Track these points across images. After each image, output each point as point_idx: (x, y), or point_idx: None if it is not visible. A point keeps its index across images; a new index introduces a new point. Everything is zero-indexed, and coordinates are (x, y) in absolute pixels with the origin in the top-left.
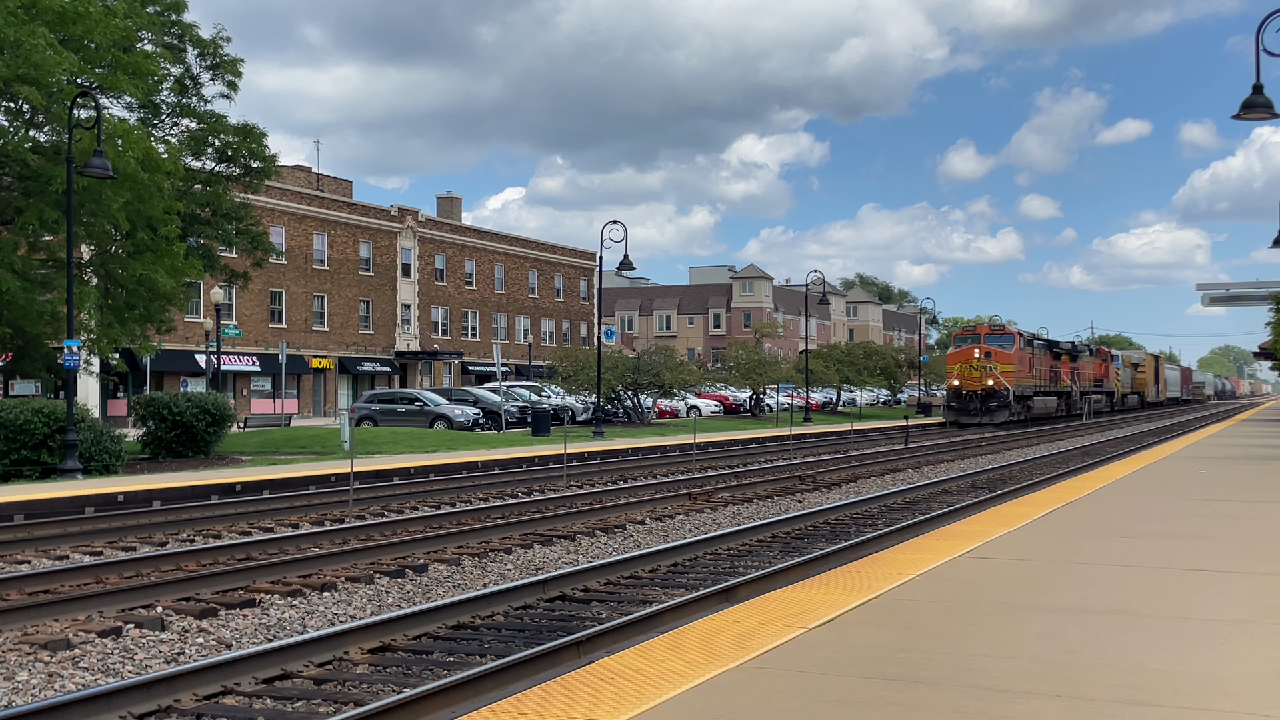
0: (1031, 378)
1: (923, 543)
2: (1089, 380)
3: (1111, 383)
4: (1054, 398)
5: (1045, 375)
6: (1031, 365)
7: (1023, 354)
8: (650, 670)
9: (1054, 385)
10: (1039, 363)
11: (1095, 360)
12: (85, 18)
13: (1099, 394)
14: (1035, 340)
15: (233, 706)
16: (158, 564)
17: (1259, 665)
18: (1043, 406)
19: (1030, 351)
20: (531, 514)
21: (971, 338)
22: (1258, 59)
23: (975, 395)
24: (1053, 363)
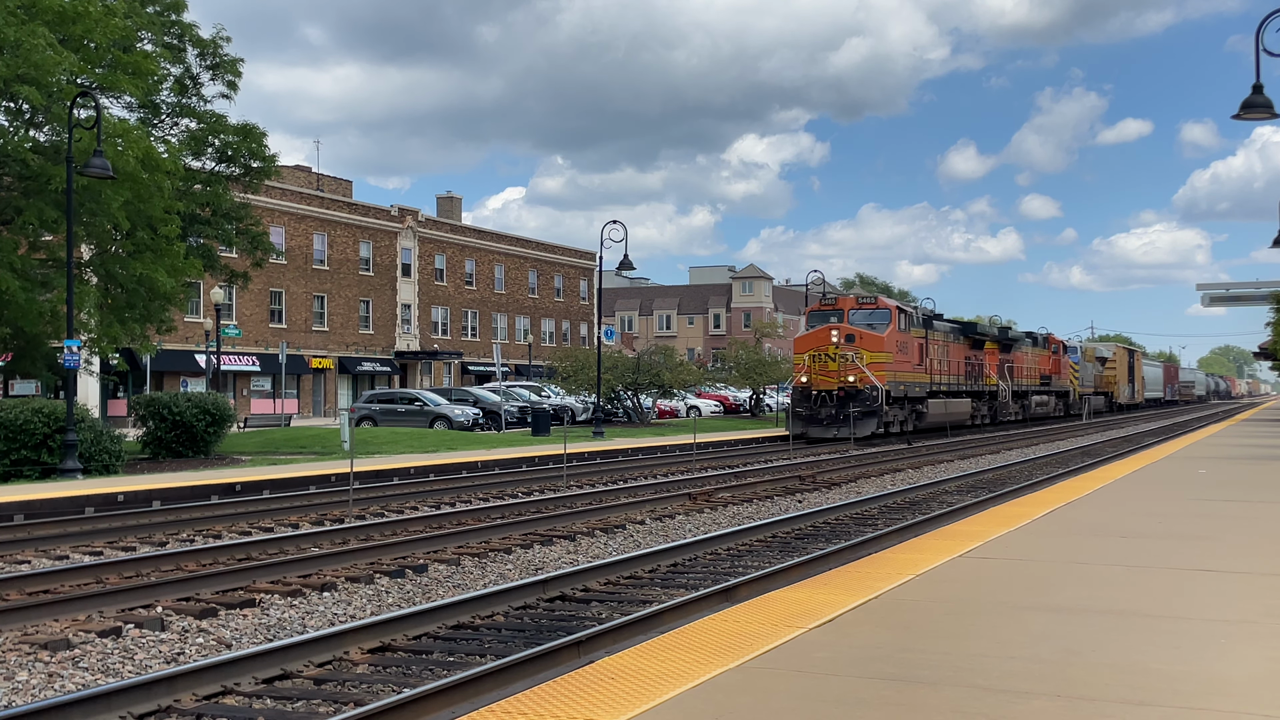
0: (922, 371)
1: (923, 543)
2: (1031, 376)
3: (1065, 380)
4: (967, 399)
5: (954, 369)
6: (924, 354)
7: (906, 339)
8: (650, 670)
9: (969, 382)
10: (940, 352)
11: (1040, 352)
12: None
13: (1044, 394)
14: (935, 320)
15: (233, 706)
16: (158, 564)
17: (1259, 665)
18: (945, 412)
19: (923, 336)
20: (531, 514)
21: (831, 314)
22: (1258, 59)
23: (828, 398)
24: (969, 353)
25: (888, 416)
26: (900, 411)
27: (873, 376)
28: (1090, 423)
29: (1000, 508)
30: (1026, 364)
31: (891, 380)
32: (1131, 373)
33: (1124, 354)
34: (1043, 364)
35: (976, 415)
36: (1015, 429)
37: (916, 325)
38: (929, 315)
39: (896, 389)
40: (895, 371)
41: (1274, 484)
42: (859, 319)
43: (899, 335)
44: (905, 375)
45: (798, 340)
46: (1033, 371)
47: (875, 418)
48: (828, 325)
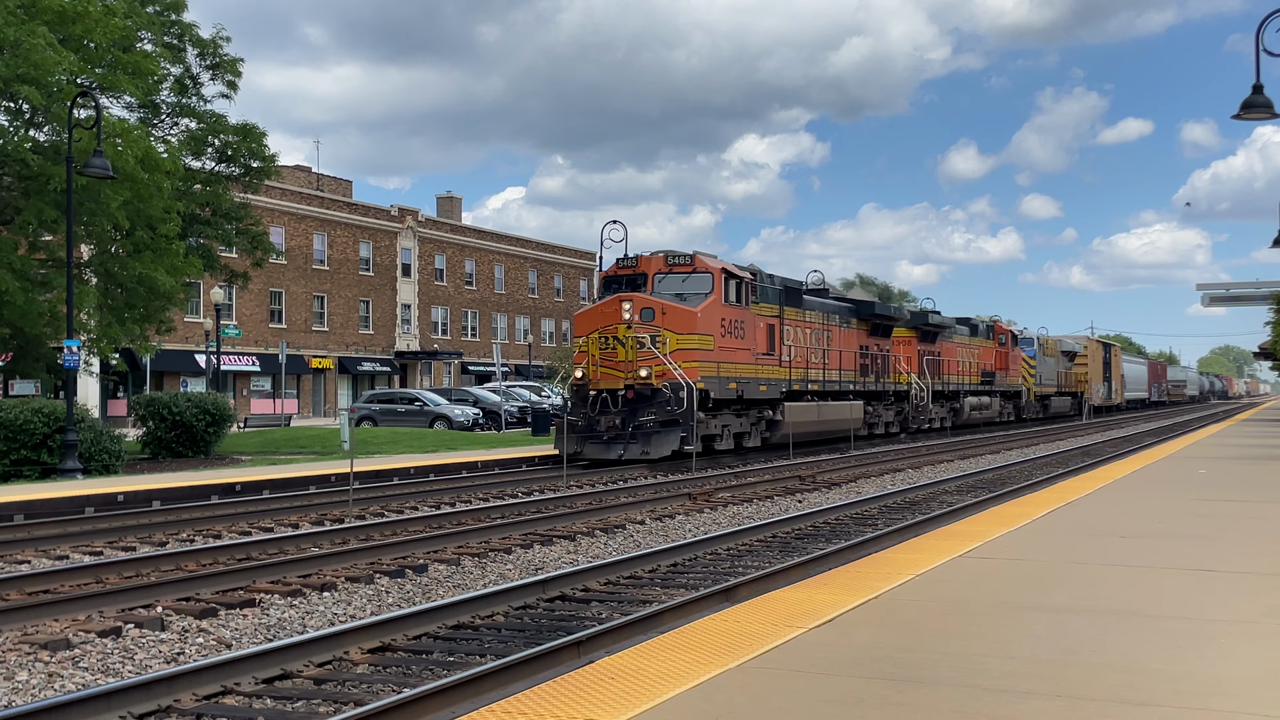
0: (773, 363)
1: (923, 543)
2: (967, 372)
3: (1015, 377)
4: (857, 401)
5: (839, 361)
6: (776, 339)
7: (742, 317)
8: (650, 670)
9: (866, 379)
10: (812, 338)
11: (981, 343)
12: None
13: (986, 394)
14: (807, 295)
15: (233, 706)
16: (158, 564)
17: (1259, 665)
18: (816, 419)
19: (775, 315)
20: (531, 514)
21: (629, 281)
22: (1257, 59)
23: (612, 400)
24: (868, 341)
25: (707, 426)
26: (733, 419)
27: (677, 369)
28: (1091, 423)
29: (1000, 508)
30: (961, 357)
31: (711, 375)
32: (1108, 370)
33: (1098, 349)
34: (984, 358)
35: (875, 421)
36: (936, 439)
37: (765, 299)
38: (794, 287)
39: (721, 387)
40: (720, 362)
41: (1274, 484)
42: (668, 288)
43: (727, 311)
44: (740, 368)
45: (579, 318)
46: (969, 367)
47: (677, 429)
48: (619, 296)
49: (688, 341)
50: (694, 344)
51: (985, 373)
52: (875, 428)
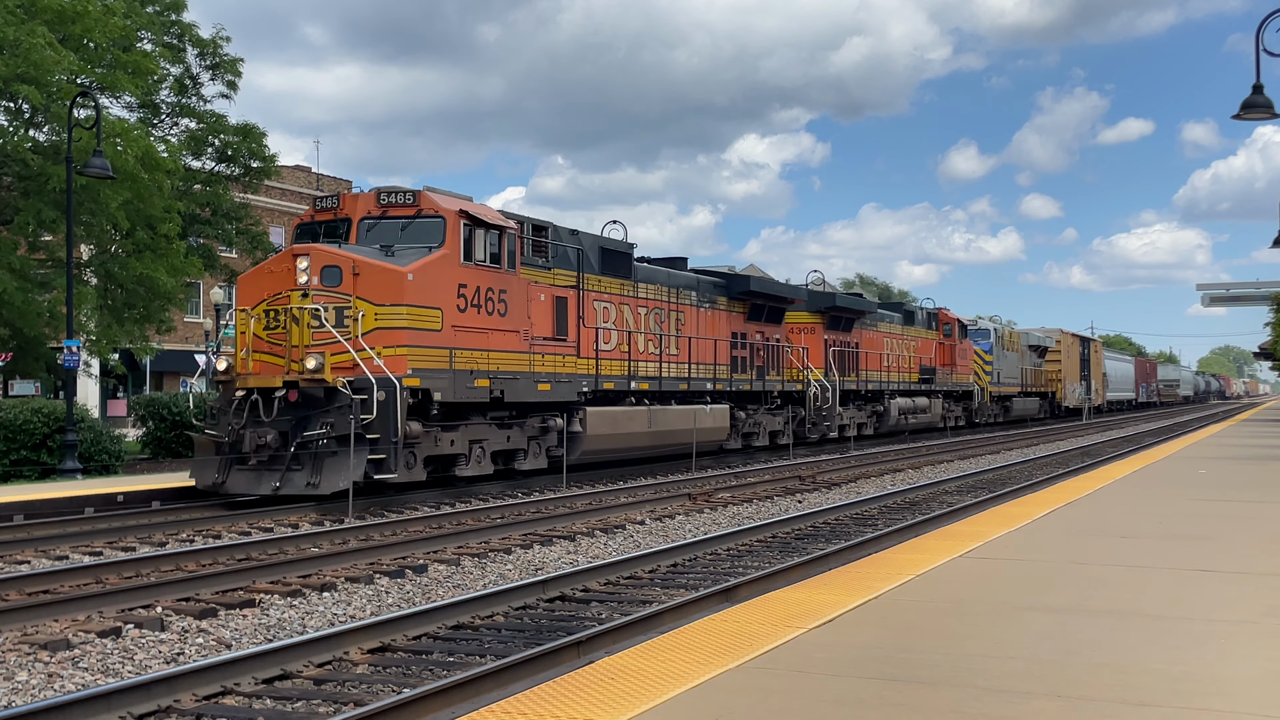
0: (571, 355)
1: (923, 543)
2: (898, 369)
3: (964, 374)
4: (722, 405)
5: (693, 351)
6: (566, 320)
7: (499, 281)
8: (650, 670)
9: (743, 375)
10: (646, 320)
11: (918, 333)
12: (85, 17)
13: (923, 395)
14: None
15: (233, 707)
16: (157, 564)
17: (1259, 665)
18: (647, 429)
19: (572, 285)
20: (531, 514)
21: (328, 229)
22: (1257, 59)
23: (268, 404)
24: (746, 327)
25: (435, 443)
26: (488, 431)
27: (374, 358)
28: (1090, 423)
29: (1000, 508)
30: (889, 350)
31: (438, 368)
32: (1086, 368)
33: (1073, 343)
34: (922, 351)
35: (754, 430)
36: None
37: (557, 262)
38: (615, 249)
39: (460, 386)
40: (458, 349)
41: (1274, 484)
42: (379, 237)
43: (472, 274)
44: (499, 358)
45: (243, 281)
46: (901, 361)
47: (366, 448)
48: (293, 249)
49: (393, 316)
50: (403, 320)
51: (924, 369)
52: (754, 437)
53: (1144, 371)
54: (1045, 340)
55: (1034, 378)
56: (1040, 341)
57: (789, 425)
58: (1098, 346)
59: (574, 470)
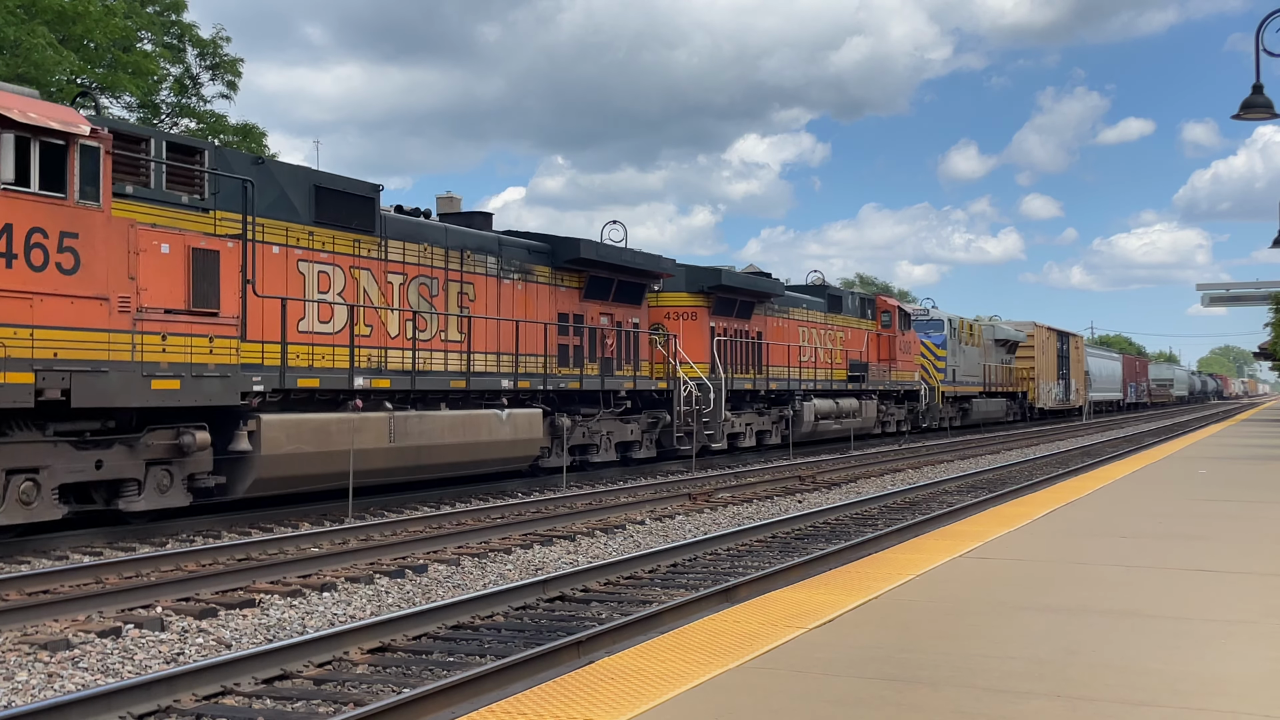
0: (225, 335)
1: (923, 543)
2: (816, 364)
3: (908, 372)
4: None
5: (487, 337)
6: (197, 275)
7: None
8: (650, 670)
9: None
10: (379, 291)
11: (849, 324)
12: (85, 17)
13: (852, 396)
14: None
15: (232, 707)
16: (157, 564)
17: (1259, 665)
18: (393, 445)
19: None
20: (531, 514)
21: None
22: (1257, 59)
23: None
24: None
25: None
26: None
27: None
28: (1091, 423)
29: (1000, 508)
30: (806, 343)
31: None
32: (1064, 365)
33: (1049, 337)
34: (852, 344)
35: (593, 443)
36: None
37: (225, 200)
38: (348, 192)
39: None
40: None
41: (1274, 484)
42: None
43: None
44: (53, 336)
45: None
46: (824, 357)
47: None
48: None
49: None
50: None
51: (855, 365)
52: (594, 450)
53: (1132, 370)
54: (1015, 334)
55: (1001, 376)
56: (1009, 335)
57: (649, 435)
58: (1079, 342)
59: (242, 508)
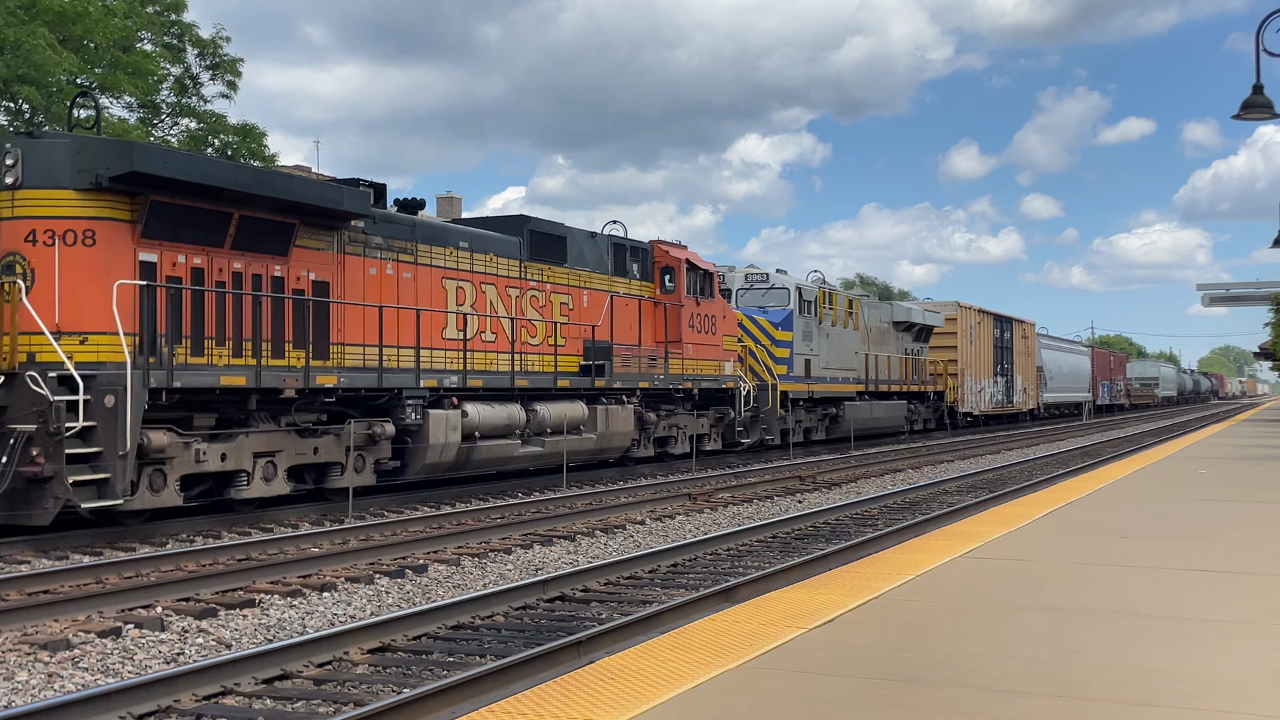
0: None
1: (923, 543)
2: (498, 348)
3: (710, 360)
4: None
5: None
6: None
7: None
8: (650, 670)
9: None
10: None
11: (584, 281)
12: (85, 17)
13: (571, 398)
14: None
15: (232, 707)
16: (157, 564)
17: (1259, 665)
18: None
19: None
20: (531, 514)
21: None
22: (1257, 59)
23: None
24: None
25: None
26: None
27: None
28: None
29: (1000, 508)
30: (483, 306)
31: None
32: (1005, 358)
33: (982, 322)
34: (590, 313)
35: None
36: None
37: None
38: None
39: None
40: None
41: (1274, 484)
42: None
43: None
44: None
45: None
46: (531, 331)
47: None
48: None
49: None
50: None
51: (594, 349)
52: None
53: (1105, 366)
54: (927, 317)
55: (901, 370)
56: (913, 318)
57: (716, 428)
58: (1027, 330)
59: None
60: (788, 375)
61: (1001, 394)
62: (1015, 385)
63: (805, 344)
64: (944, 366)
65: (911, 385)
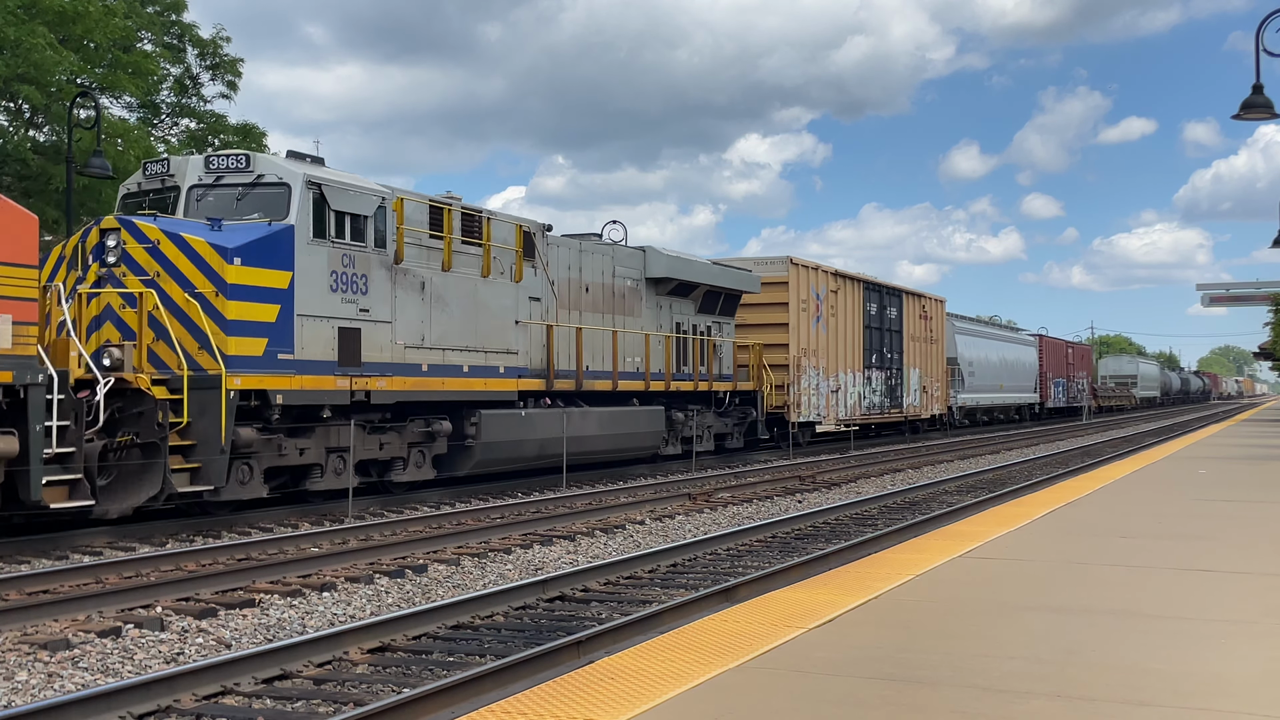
0: None
1: (923, 543)
2: None
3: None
4: None
5: None
6: None
7: None
8: (650, 670)
9: None
10: None
11: None
12: (85, 17)
13: None
14: None
15: (232, 707)
16: (157, 564)
17: (1259, 665)
18: None
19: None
20: (531, 514)
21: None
22: (1257, 59)
23: None
24: None
25: None
26: None
27: None
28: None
29: (1000, 508)
30: None
31: None
32: (887, 345)
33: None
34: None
35: None
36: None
37: None
38: None
39: None
40: None
41: (1274, 484)
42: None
43: None
44: None
45: None
46: None
47: None
48: None
49: None
50: None
51: None
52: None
53: (1060, 360)
54: (724, 276)
55: (667, 356)
56: (698, 276)
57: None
58: (930, 308)
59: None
60: (267, 357)
61: (880, 395)
62: (905, 383)
63: (341, 296)
64: (759, 354)
65: (683, 382)
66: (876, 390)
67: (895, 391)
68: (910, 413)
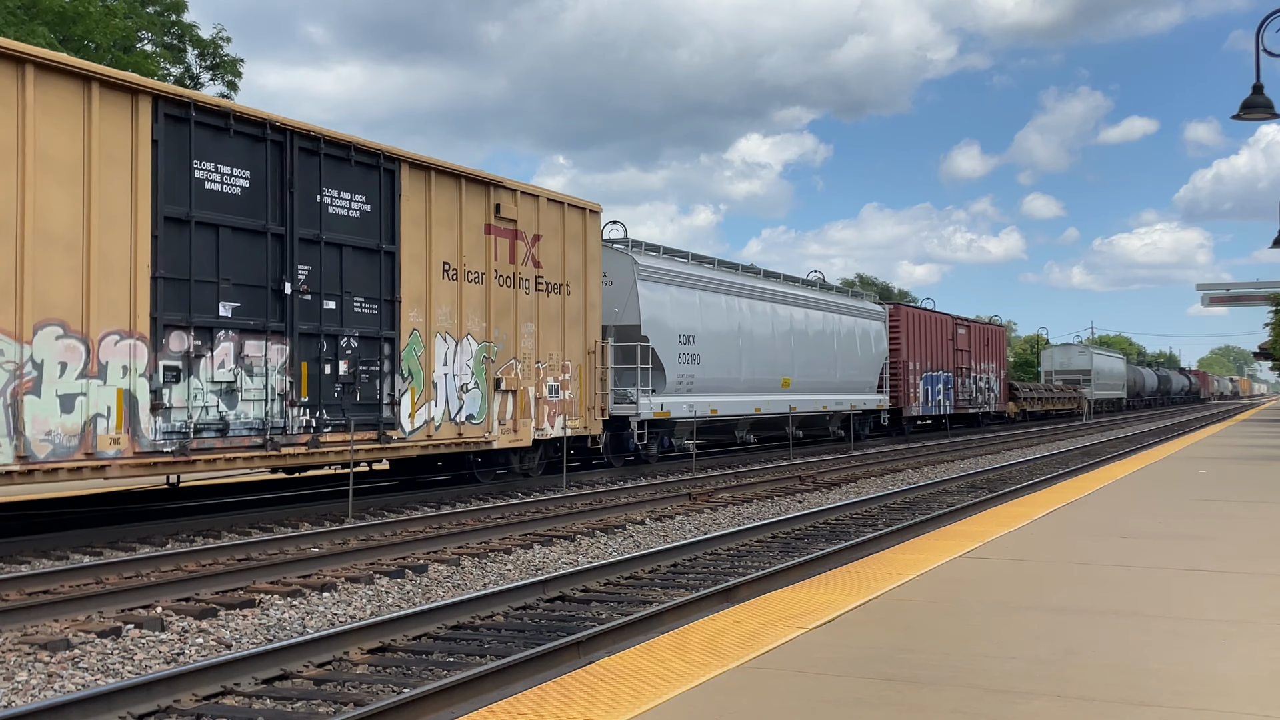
0: None
1: (923, 543)
2: None
3: None
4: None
5: None
6: None
7: None
8: (650, 670)
9: None
10: None
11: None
12: (85, 18)
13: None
14: None
15: (233, 707)
16: (157, 564)
17: (1259, 665)
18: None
19: None
20: (531, 514)
21: None
22: (1258, 59)
23: None
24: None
25: None
26: None
27: None
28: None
29: (1000, 508)
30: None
31: None
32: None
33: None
34: None
35: None
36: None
37: None
38: None
39: None
40: None
41: (1274, 484)
42: None
43: None
44: None
45: None
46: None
47: None
48: None
49: None
50: None
51: None
52: None
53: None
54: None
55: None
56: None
57: None
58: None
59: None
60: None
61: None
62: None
63: None
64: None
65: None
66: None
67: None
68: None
